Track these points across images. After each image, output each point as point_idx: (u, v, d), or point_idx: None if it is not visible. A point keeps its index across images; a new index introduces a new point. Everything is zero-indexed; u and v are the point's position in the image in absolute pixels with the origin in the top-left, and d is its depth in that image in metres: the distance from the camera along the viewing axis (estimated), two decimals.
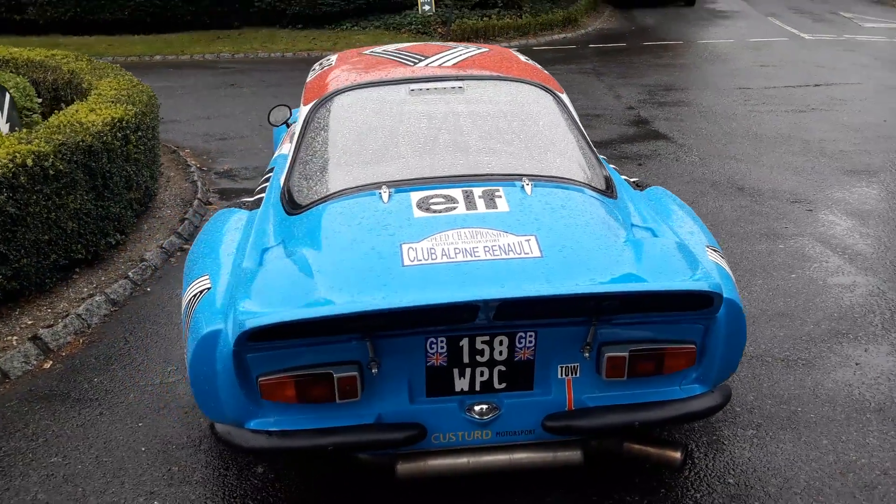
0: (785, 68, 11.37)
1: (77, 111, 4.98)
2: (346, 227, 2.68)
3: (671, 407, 2.48)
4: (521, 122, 3.31)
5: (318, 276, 2.42)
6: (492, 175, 2.92)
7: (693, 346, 2.46)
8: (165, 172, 6.56)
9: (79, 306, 4.16)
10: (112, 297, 4.34)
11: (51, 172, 4.14)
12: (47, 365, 3.75)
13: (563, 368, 2.47)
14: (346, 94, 3.43)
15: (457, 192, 2.80)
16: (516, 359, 2.42)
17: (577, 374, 2.48)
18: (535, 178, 2.90)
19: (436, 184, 2.86)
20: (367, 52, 4.13)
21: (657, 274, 2.42)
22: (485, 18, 15.22)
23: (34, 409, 3.39)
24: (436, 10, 15.43)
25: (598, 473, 2.84)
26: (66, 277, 4.48)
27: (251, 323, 2.17)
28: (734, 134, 7.76)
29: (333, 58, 4.07)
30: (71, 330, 4.00)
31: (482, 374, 2.44)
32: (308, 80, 3.89)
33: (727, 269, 2.75)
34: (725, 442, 3.04)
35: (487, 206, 2.71)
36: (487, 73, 3.57)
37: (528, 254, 2.46)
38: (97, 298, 4.25)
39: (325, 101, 3.41)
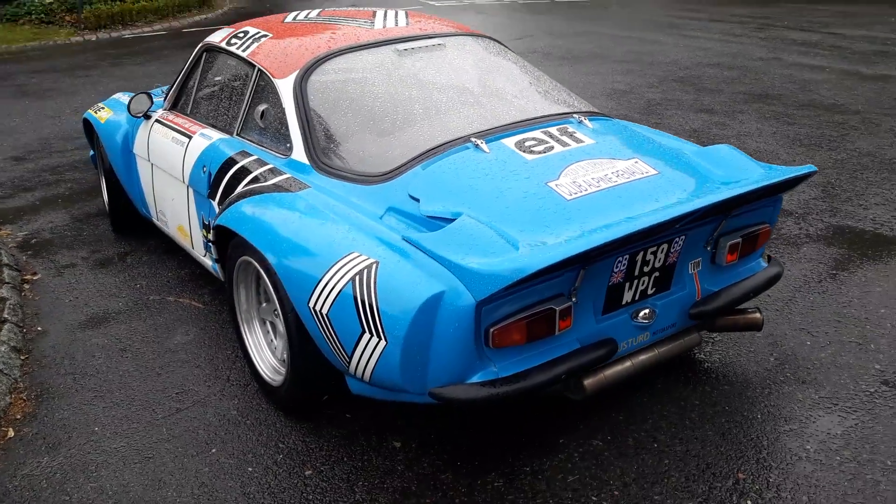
0: None
1: None
2: (476, 179, 2.70)
3: (760, 276, 3.02)
4: (513, 69, 3.54)
5: (503, 227, 2.47)
6: (546, 116, 3.13)
7: (769, 225, 3.03)
8: None
9: None
10: (11, 344, 3.53)
11: None
12: (10, 433, 3.00)
13: (692, 264, 2.86)
14: (332, 60, 3.29)
15: (538, 134, 2.97)
16: (667, 263, 2.75)
17: (700, 267, 2.89)
18: (582, 114, 3.19)
19: (510, 130, 2.98)
20: (289, 19, 3.89)
21: (742, 171, 2.93)
22: (119, 3, 14.00)
23: (54, 481, 2.74)
24: None
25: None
26: None
27: (513, 275, 2.16)
28: None
29: (254, 30, 3.72)
30: (4, 389, 3.21)
31: (643, 283, 2.73)
32: (245, 53, 3.54)
33: None
34: None
35: (575, 142, 2.94)
36: (448, 30, 3.69)
37: (647, 173, 2.79)
38: (1, 349, 3.43)
39: (311, 69, 3.24)
